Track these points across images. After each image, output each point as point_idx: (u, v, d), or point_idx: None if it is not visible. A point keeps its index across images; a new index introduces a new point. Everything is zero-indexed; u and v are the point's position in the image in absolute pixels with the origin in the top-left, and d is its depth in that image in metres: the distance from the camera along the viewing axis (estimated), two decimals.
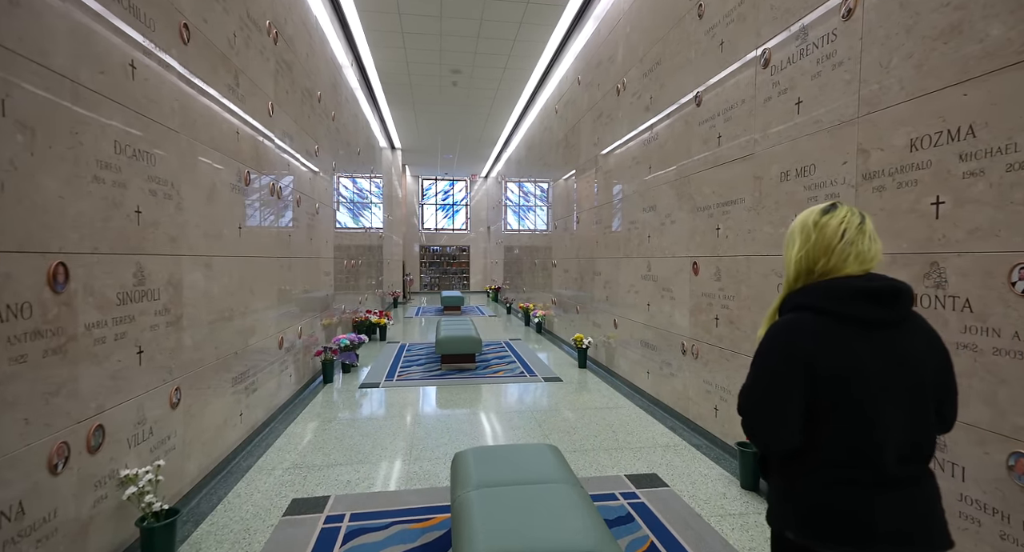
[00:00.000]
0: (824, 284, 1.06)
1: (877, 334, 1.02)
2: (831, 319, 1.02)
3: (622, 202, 5.20)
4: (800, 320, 1.05)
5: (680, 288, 3.92)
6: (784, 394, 1.03)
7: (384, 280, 12.69)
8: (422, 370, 5.94)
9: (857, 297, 1.02)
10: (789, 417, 1.03)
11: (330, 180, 6.14)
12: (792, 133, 2.66)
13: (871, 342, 1.02)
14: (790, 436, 1.04)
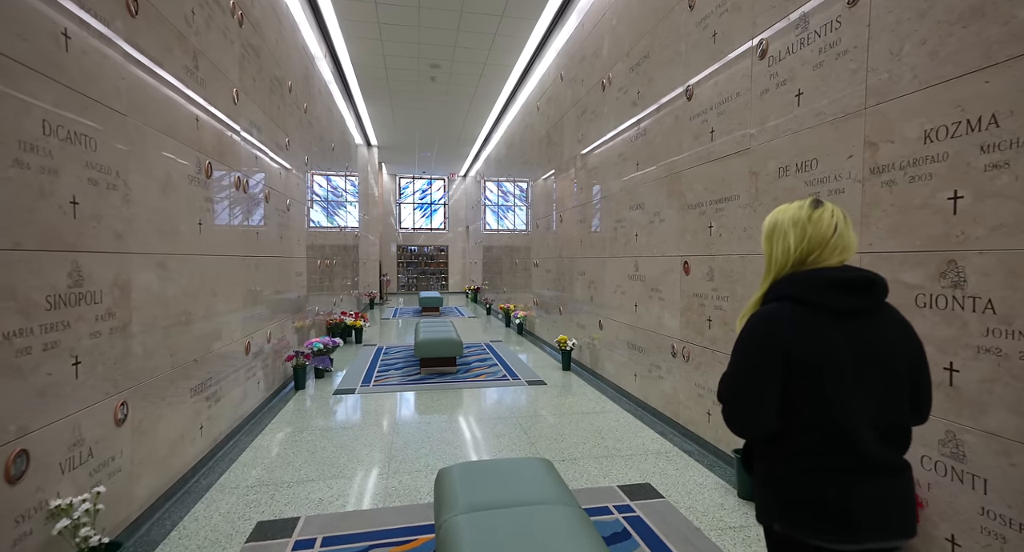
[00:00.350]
0: (802, 275, 1.10)
1: (850, 323, 1.06)
2: (807, 308, 1.06)
3: (607, 200, 5.07)
4: (779, 310, 1.09)
5: (670, 288, 3.80)
6: (762, 381, 1.07)
7: (360, 281, 12.33)
8: (400, 374, 5.69)
9: (832, 287, 1.06)
10: (766, 402, 1.07)
11: (303, 176, 5.84)
12: (792, 126, 2.55)
13: (844, 330, 1.05)
14: (767, 420, 1.08)
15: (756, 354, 1.08)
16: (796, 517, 1.06)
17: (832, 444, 1.04)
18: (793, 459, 1.08)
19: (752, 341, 1.10)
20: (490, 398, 4.75)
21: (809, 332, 1.05)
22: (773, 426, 1.09)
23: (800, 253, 1.11)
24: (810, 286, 1.08)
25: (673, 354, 3.74)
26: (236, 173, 3.66)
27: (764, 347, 1.07)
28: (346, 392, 4.93)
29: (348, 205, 9.74)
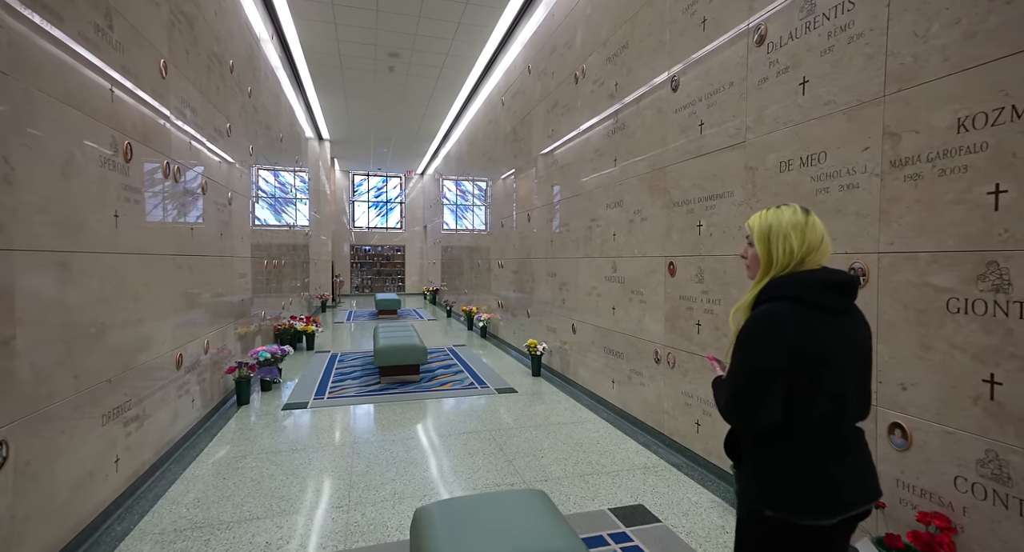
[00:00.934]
0: (796, 276, 1.18)
1: (837, 320, 1.17)
2: (804, 307, 1.14)
3: (581, 198, 4.83)
4: (780, 309, 1.15)
5: (653, 291, 3.59)
6: (770, 376, 1.13)
7: (311, 282, 11.62)
8: (358, 384, 5.23)
9: (826, 288, 1.16)
10: (774, 396, 1.13)
11: (247, 167, 5.27)
12: (795, 117, 2.37)
13: (835, 327, 1.16)
14: (774, 413, 1.14)
15: (764, 351, 1.14)
16: (795, 503, 1.13)
17: (828, 430, 1.16)
18: (795, 447, 1.16)
19: (760, 338, 1.15)
20: (459, 409, 4.39)
21: (809, 330, 1.13)
22: (779, 419, 1.14)
23: (800, 255, 1.19)
24: (807, 287, 1.16)
25: (657, 360, 3.54)
26: (165, 159, 3.14)
27: (772, 344, 1.13)
28: (297, 406, 4.44)
29: (298, 202, 9.08)
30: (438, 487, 2.88)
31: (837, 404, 1.15)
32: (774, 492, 1.16)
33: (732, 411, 1.19)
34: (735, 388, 1.18)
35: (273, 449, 3.44)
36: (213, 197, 4.14)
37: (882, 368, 1.95)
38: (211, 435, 3.69)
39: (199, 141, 3.79)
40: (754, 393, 1.14)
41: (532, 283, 6.35)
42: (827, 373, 1.13)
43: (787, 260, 1.19)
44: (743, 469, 1.24)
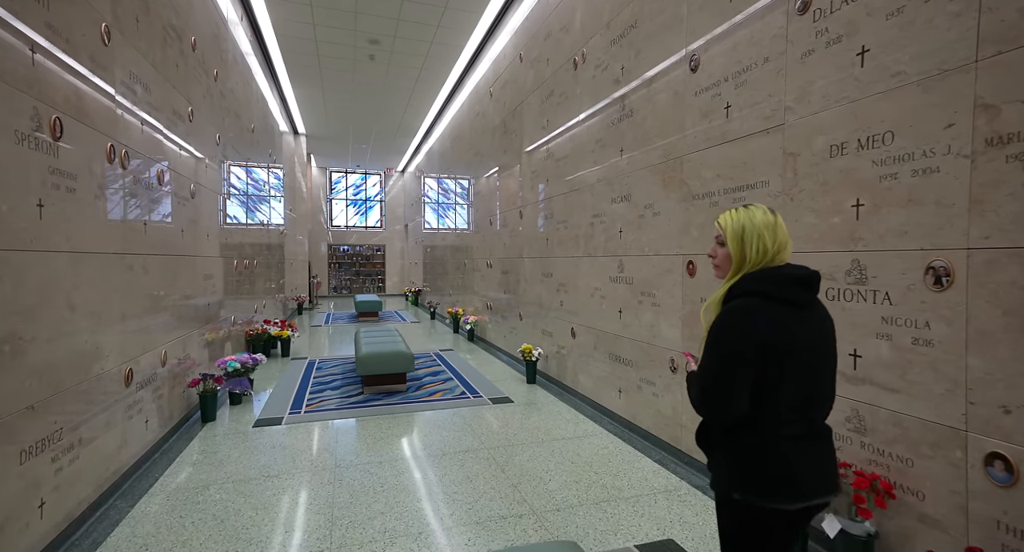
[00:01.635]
0: (765, 272, 1.24)
1: (803, 314, 1.22)
2: (773, 302, 1.19)
3: (581, 192, 4.49)
4: (751, 304, 1.20)
5: (668, 292, 3.26)
6: (740, 369, 1.17)
7: (287, 283, 11.04)
8: (338, 395, 4.79)
9: (793, 283, 1.22)
10: (743, 390, 1.18)
11: (213, 156, 4.77)
12: (851, 93, 2.06)
13: (801, 321, 1.21)
14: (743, 404, 1.19)
15: (736, 345, 1.17)
16: (760, 487, 1.20)
17: (794, 418, 1.21)
18: (761, 435, 1.21)
19: (731, 332, 1.19)
20: (451, 423, 4.00)
21: (778, 323, 1.17)
22: (746, 410, 1.20)
23: (771, 254, 1.24)
24: (776, 283, 1.21)
25: (673, 369, 3.21)
26: (108, 140, 2.68)
27: (743, 338, 1.17)
28: (270, 423, 3.98)
29: (272, 199, 8.53)
30: (435, 523, 2.50)
31: (803, 395, 1.20)
32: (739, 477, 1.23)
33: (702, 403, 1.23)
34: (705, 381, 1.21)
35: (241, 476, 3.00)
36: (173, 189, 3.66)
37: (975, 386, 1.65)
38: (169, 460, 3.22)
39: (153, 124, 3.31)
40: (724, 386, 1.18)
41: (525, 284, 5.98)
42: (794, 365, 1.18)
43: (759, 258, 1.24)
44: (714, 458, 1.31)
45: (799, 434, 1.21)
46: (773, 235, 1.24)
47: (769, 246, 1.23)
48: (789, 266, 1.25)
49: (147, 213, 3.19)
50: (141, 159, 3.10)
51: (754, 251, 1.24)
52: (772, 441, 1.20)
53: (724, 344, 1.19)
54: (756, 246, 1.24)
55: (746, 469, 1.22)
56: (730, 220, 1.29)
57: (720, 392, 1.19)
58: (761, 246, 1.23)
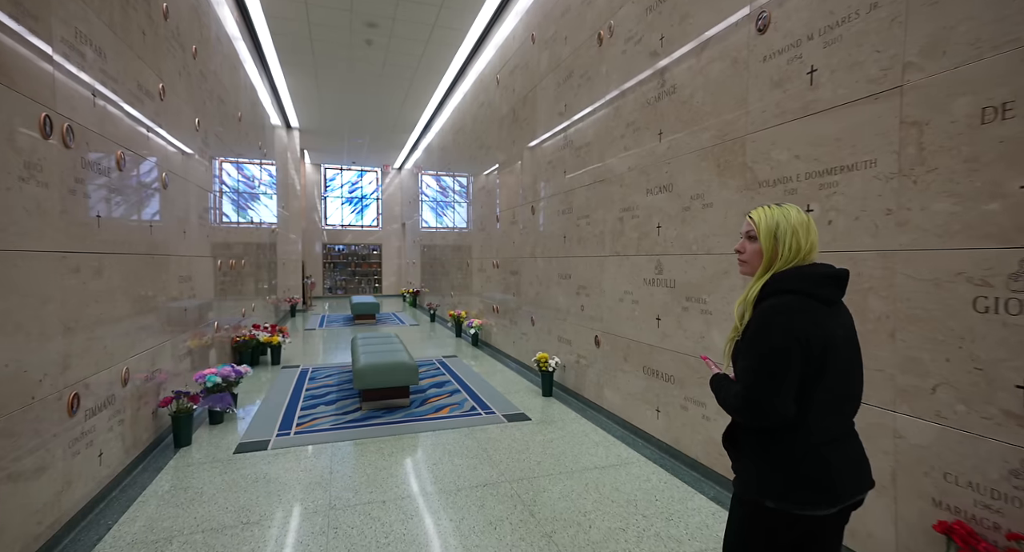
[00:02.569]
0: (800, 271, 1.21)
1: (833, 311, 1.21)
2: (809, 300, 1.17)
3: (608, 184, 3.98)
4: (789, 302, 1.17)
5: (724, 298, 2.76)
6: (786, 368, 1.14)
7: (279, 285, 10.48)
8: (334, 411, 4.26)
9: (827, 281, 1.21)
10: (789, 389, 1.15)
11: (192, 143, 4.23)
12: (1020, 33, 1.55)
13: (833, 318, 1.20)
14: (790, 407, 1.15)
15: (782, 344, 1.14)
16: (797, 494, 1.16)
17: (832, 419, 1.19)
18: (799, 440, 1.17)
19: (773, 332, 1.16)
20: (464, 447, 3.48)
21: (817, 321, 1.16)
22: (792, 411, 1.16)
23: (804, 253, 1.22)
24: (813, 281, 1.19)
25: None
26: (43, 111, 2.14)
27: (786, 336, 1.14)
28: (254, 447, 3.45)
29: (263, 195, 7.97)
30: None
31: (841, 393, 1.19)
32: (775, 484, 1.18)
33: (745, 406, 1.18)
34: (750, 382, 1.17)
35: (214, 523, 2.46)
36: (139, 178, 3.12)
37: None
38: (129, 499, 2.69)
39: (109, 97, 2.77)
40: (770, 386, 1.15)
41: (537, 286, 5.47)
42: (832, 363, 1.16)
43: (791, 256, 1.22)
44: (744, 462, 1.26)
45: (836, 435, 1.20)
46: (807, 234, 1.23)
47: (802, 245, 1.22)
48: (820, 264, 1.23)
49: (102, 205, 2.65)
50: (93, 137, 2.56)
51: (787, 248, 1.22)
52: (812, 445, 1.17)
53: (767, 344, 1.16)
54: (789, 244, 1.22)
55: (784, 475, 1.18)
56: (764, 216, 1.27)
57: (767, 393, 1.15)
58: (795, 244, 1.22)
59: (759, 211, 1.28)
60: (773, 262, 1.24)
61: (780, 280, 1.21)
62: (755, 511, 1.22)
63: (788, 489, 1.16)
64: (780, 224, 1.23)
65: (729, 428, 1.33)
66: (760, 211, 1.28)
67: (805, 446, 1.16)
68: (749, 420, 1.20)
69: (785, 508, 1.16)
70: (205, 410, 3.93)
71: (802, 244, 1.21)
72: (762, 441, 1.21)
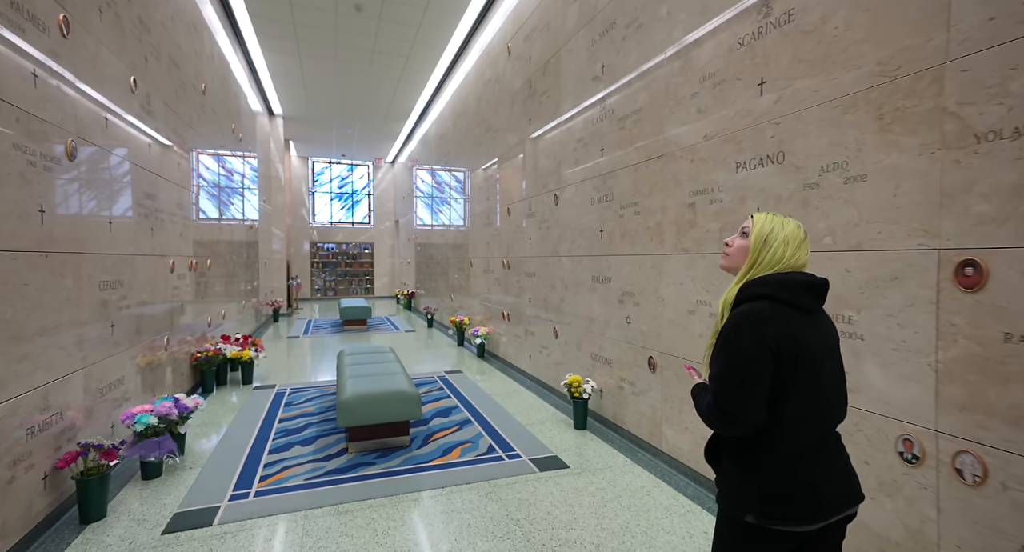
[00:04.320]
0: (777, 277, 1.19)
1: (810, 319, 1.19)
2: (783, 307, 1.15)
3: (670, 160, 3.05)
4: (762, 308, 1.15)
5: (898, 318, 1.82)
6: (756, 375, 1.12)
7: (261, 287, 9.46)
8: (311, 456, 3.29)
9: (805, 290, 1.18)
10: (760, 396, 1.12)
11: (125, 104, 3.24)
12: None
13: (810, 326, 1.17)
14: (760, 414, 1.12)
15: (751, 350, 1.12)
16: (777, 508, 1.12)
17: (807, 430, 1.15)
18: (773, 450, 1.14)
19: (744, 339, 1.13)
20: (487, 518, 2.52)
21: (788, 328, 1.13)
22: (763, 420, 1.13)
23: (781, 267, 1.21)
24: (788, 287, 1.17)
25: (912, 458, 1.77)
26: None
27: (756, 343, 1.12)
28: (194, 523, 2.47)
29: (239, 186, 6.95)
30: None
31: (817, 403, 1.15)
32: (754, 498, 1.15)
33: (716, 414, 1.16)
34: (720, 389, 1.16)
35: None
36: (16, 140, 2.14)
37: None
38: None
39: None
40: (739, 394, 1.13)
41: (562, 290, 4.53)
42: (806, 372, 1.13)
43: (772, 263, 1.21)
44: (724, 475, 1.23)
45: (816, 446, 1.16)
46: (794, 251, 1.21)
47: (786, 257, 1.21)
48: (799, 272, 1.21)
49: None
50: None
51: (770, 255, 1.21)
52: (785, 455, 1.14)
53: (737, 350, 1.13)
54: (773, 252, 1.21)
55: (762, 489, 1.14)
56: (765, 218, 1.25)
57: (735, 401, 1.12)
58: (779, 253, 1.21)
59: (761, 214, 1.27)
60: (753, 266, 1.23)
61: (757, 285, 1.19)
62: (736, 526, 1.18)
63: (763, 502, 1.14)
64: (775, 230, 1.22)
65: (710, 440, 1.30)
66: (763, 214, 1.27)
67: (777, 457, 1.14)
68: (720, 429, 1.19)
69: (764, 523, 1.13)
70: (138, 460, 2.94)
71: (786, 256, 1.20)
72: (737, 451, 1.20)
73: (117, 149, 3.16)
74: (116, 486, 2.81)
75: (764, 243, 1.22)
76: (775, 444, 1.14)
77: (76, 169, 2.64)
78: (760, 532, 1.14)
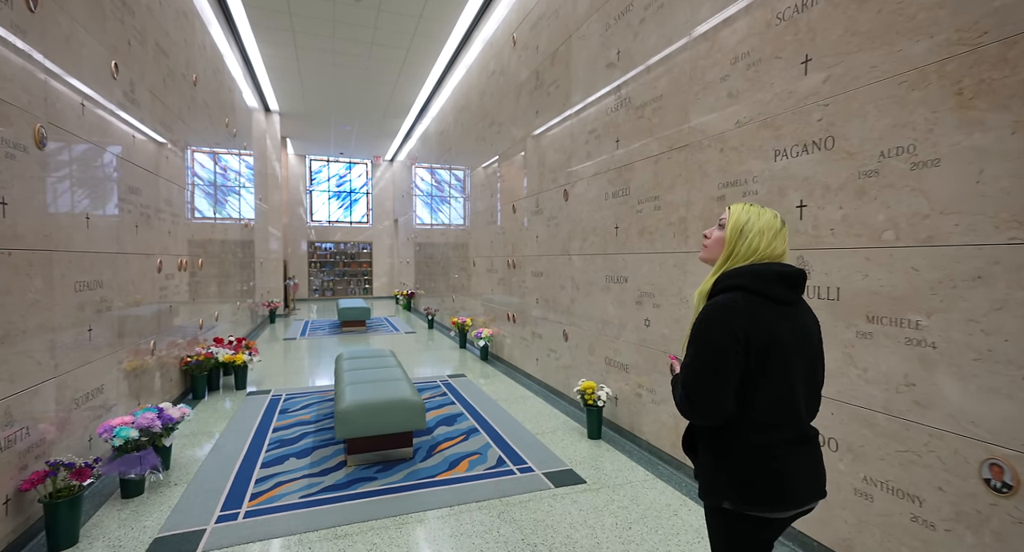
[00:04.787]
0: (752, 268, 1.19)
1: (786, 311, 1.19)
2: (757, 298, 1.15)
3: (696, 149, 2.82)
4: (734, 299, 1.15)
5: (972, 322, 1.59)
6: (724, 366, 1.12)
7: (257, 287, 9.22)
8: (307, 469, 3.04)
9: (779, 280, 1.17)
10: (729, 387, 1.13)
11: (105, 90, 2.99)
12: None
13: (785, 318, 1.17)
14: (730, 404, 1.14)
15: (720, 340, 1.12)
16: (747, 494, 1.15)
17: (778, 421, 1.16)
18: (743, 439, 1.16)
19: (712, 327, 1.14)
20: (500, 543, 2.28)
21: (762, 320, 1.13)
22: (733, 410, 1.14)
23: (759, 256, 1.20)
24: (761, 278, 1.17)
25: (1002, 487, 1.53)
26: None
27: (727, 333, 1.12)
28: (177, 548, 2.22)
29: (234, 184, 6.70)
30: None
31: (788, 395, 1.15)
32: (728, 485, 1.16)
33: (686, 403, 1.17)
34: (689, 379, 1.16)
35: None
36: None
37: None
38: None
39: None
40: (708, 384, 1.13)
41: (573, 290, 4.29)
42: (777, 363, 1.13)
43: (748, 254, 1.21)
44: (701, 465, 1.25)
45: (788, 438, 1.17)
46: (770, 241, 1.20)
47: (762, 248, 1.20)
48: (774, 263, 1.20)
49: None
50: None
51: (746, 246, 1.21)
52: (761, 446, 1.15)
53: (706, 341, 1.14)
54: (749, 242, 1.21)
55: (736, 477, 1.16)
56: (741, 209, 1.25)
57: (704, 391, 1.14)
58: (753, 245, 1.21)
59: (738, 204, 1.27)
60: (730, 257, 1.23)
61: (732, 276, 1.19)
62: (717, 514, 1.21)
63: (734, 488, 1.15)
64: (751, 220, 1.22)
65: (687, 430, 1.31)
66: (739, 204, 1.27)
67: (746, 446, 1.15)
68: (691, 418, 1.19)
69: (739, 508, 1.15)
70: (118, 477, 2.69)
71: (762, 247, 1.20)
72: (709, 440, 1.21)
73: (96, 138, 2.91)
74: (93, 506, 2.56)
75: (740, 234, 1.22)
76: (745, 434, 1.16)
77: (47, 158, 2.40)
78: (739, 517, 1.16)
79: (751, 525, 1.16)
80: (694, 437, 1.29)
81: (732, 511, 1.17)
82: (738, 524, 1.17)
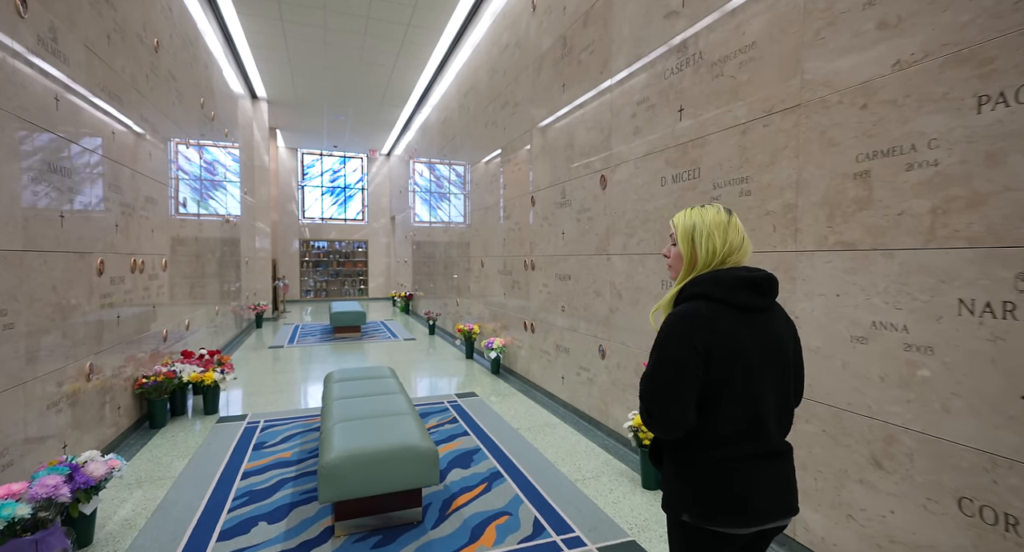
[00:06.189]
0: (714, 275, 1.14)
1: (753, 318, 1.13)
2: (720, 306, 1.11)
3: (812, 112, 2.05)
4: (695, 308, 1.11)
5: None
6: (684, 378, 1.08)
7: (243, 288, 8.41)
8: (281, 541, 2.24)
9: (743, 286, 1.12)
10: (688, 399, 1.08)
11: (24, 39, 2.19)
12: None
13: (751, 326, 1.12)
14: (689, 417, 1.09)
15: (678, 352, 1.09)
16: (707, 508, 1.10)
17: (743, 434, 1.10)
18: (706, 452, 1.11)
19: (672, 338, 1.11)
20: None
21: (724, 329, 1.09)
22: (694, 422, 1.11)
23: (722, 255, 1.16)
24: (724, 285, 1.12)
25: None
26: None
27: (685, 345, 1.08)
28: None
29: (213, 175, 5.87)
30: None
31: (753, 407, 1.10)
32: (688, 498, 1.13)
33: (645, 416, 1.14)
34: (647, 392, 1.13)
35: None
36: None
37: None
38: None
39: None
40: (666, 397, 1.10)
41: (613, 298, 3.52)
42: (740, 374, 1.09)
43: (709, 259, 1.17)
44: (665, 476, 1.21)
45: (753, 452, 1.11)
46: (724, 235, 1.16)
47: (718, 246, 1.15)
48: (739, 268, 1.15)
49: None
50: None
51: (703, 251, 1.16)
52: (723, 460, 1.10)
53: (665, 352, 1.11)
54: (705, 246, 1.16)
55: (695, 490, 1.12)
56: (682, 218, 1.22)
57: (662, 404, 1.10)
58: (710, 246, 1.16)
59: (679, 214, 1.24)
60: (693, 266, 1.19)
61: (696, 283, 1.15)
62: (676, 526, 1.17)
63: (695, 502, 1.11)
64: (696, 225, 1.18)
65: (653, 441, 1.27)
66: (680, 214, 1.24)
67: (708, 460, 1.11)
68: (652, 430, 1.15)
69: (698, 523, 1.11)
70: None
71: (718, 245, 1.15)
72: (673, 452, 1.18)
73: (30, 116, 2.11)
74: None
75: (691, 241, 1.18)
76: (707, 447, 1.11)
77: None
78: (698, 531, 1.12)
79: (711, 539, 1.11)
80: (660, 448, 1.23)
81: (691, 524, 1.12)
82: (698, 538, 1.12)
